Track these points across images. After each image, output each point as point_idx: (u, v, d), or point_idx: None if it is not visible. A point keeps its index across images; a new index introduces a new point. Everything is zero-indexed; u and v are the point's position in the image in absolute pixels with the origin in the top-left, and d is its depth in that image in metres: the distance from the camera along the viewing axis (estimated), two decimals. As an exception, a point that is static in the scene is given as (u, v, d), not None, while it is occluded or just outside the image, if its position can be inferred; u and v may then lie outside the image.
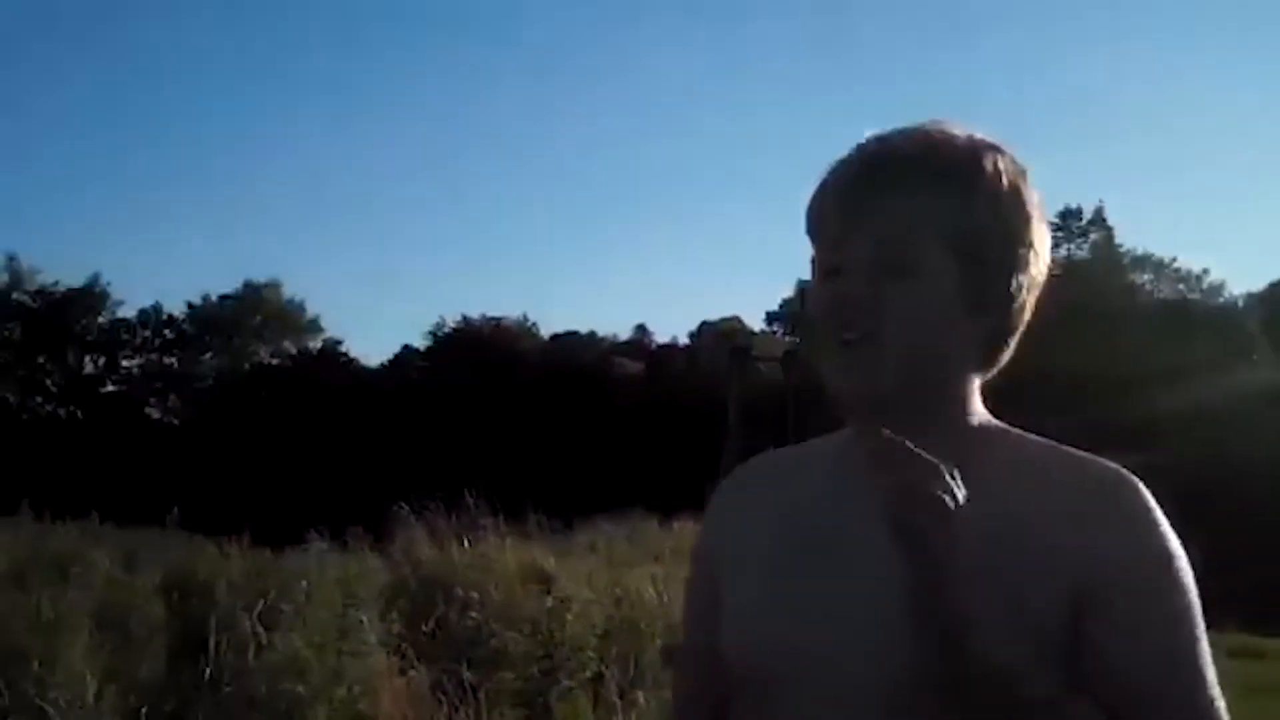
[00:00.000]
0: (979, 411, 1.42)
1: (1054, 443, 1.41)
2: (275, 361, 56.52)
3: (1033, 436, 1.42)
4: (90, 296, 55.93)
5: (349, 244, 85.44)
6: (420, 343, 56.06)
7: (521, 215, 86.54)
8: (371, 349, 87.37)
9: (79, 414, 53.70)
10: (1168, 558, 1.32)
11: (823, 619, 1.36)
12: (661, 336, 60.75)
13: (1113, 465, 1.37)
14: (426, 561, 9.49)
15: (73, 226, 78.58)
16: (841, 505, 1.40)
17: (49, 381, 55.10)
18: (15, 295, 55.03)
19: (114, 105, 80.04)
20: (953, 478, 1.23)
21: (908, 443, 1.23)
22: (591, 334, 59.46)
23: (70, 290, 55.42)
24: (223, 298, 57.33)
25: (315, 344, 57.65)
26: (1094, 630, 1.30)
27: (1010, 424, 1.44)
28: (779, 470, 1.56)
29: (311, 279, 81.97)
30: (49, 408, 54.94)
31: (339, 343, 57.29)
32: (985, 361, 1.41)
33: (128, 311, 56.77)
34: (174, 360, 57.24)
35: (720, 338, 50.57)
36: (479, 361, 51.19)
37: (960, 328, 1.35)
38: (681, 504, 23.46)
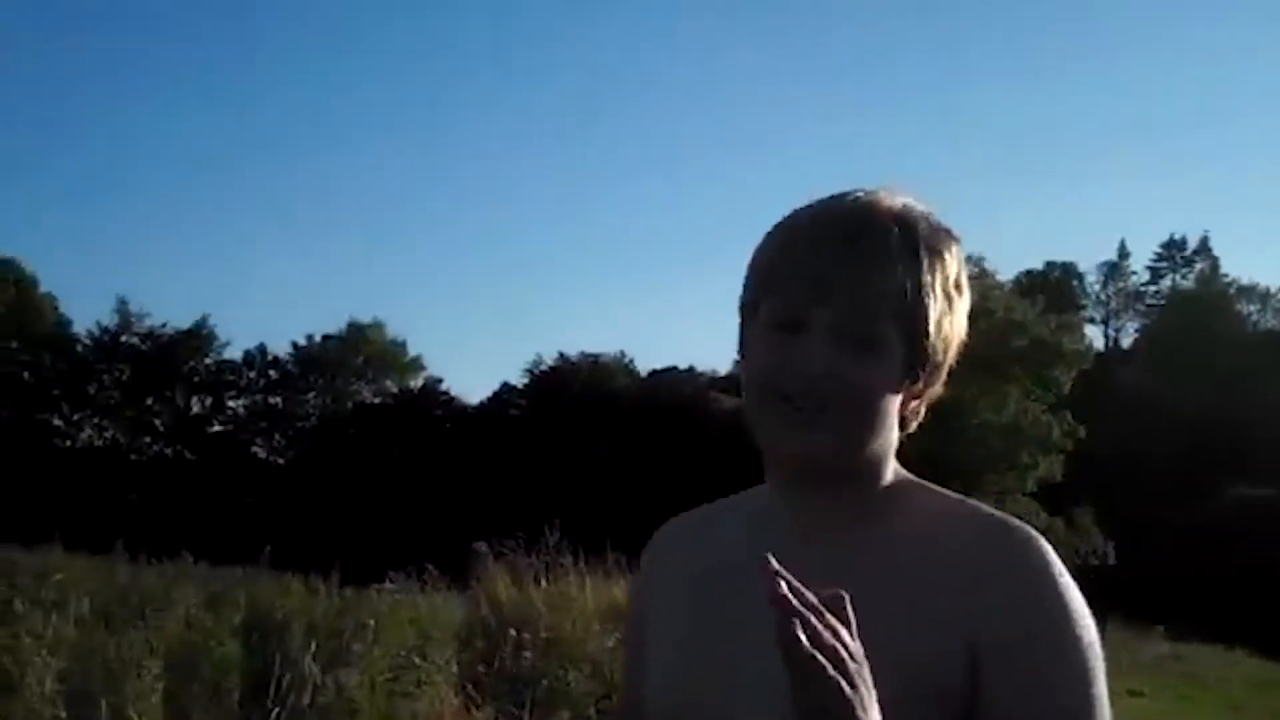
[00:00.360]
0: (895, 469, 1.44)
1: (964, 499, 1.42)
2: (377, 400, 57.21)
3: (943, 493, 1.43)
4: (197, 338, 57.13)
5: (451, 284, 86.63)
6: (519, 380, 56.46)
7: (619, 253, 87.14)
8: (472, 387, 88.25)
9: (186, 454, 54.71)
10: (1066, 616, 1.30)
11: (731, 689, 1.37)
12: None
13: (1017, 523, 1.36)
14: (504, 600, 9.51)
15: (181, 270, 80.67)
16: (752, 572, 1.37)
17: (157, 422, 56.22)
18: (125, 337, 56.39)
19: (223, 152, 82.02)
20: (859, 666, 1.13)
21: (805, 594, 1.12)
22: (690, 369, 59.49)
23: (178, 332, 56.67)
24: (326, 338, 58.25)
25: (416, 383, 58.31)
26: (990, 691, 1.29)
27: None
28: (694, 532, 1.58)
29: (413, 319, 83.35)
30: (157, 447, 56.06)
31: (439, 381, 57.91)
32: (905, 422, 1.44)
33: (234, 353, 57.99)
34: (278, 400, 58.19)
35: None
36: (576, 399, 51.37)
37: (898, 398, 1.39)
38: None
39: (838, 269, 1.34)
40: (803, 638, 1.06)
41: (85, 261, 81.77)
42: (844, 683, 1.08)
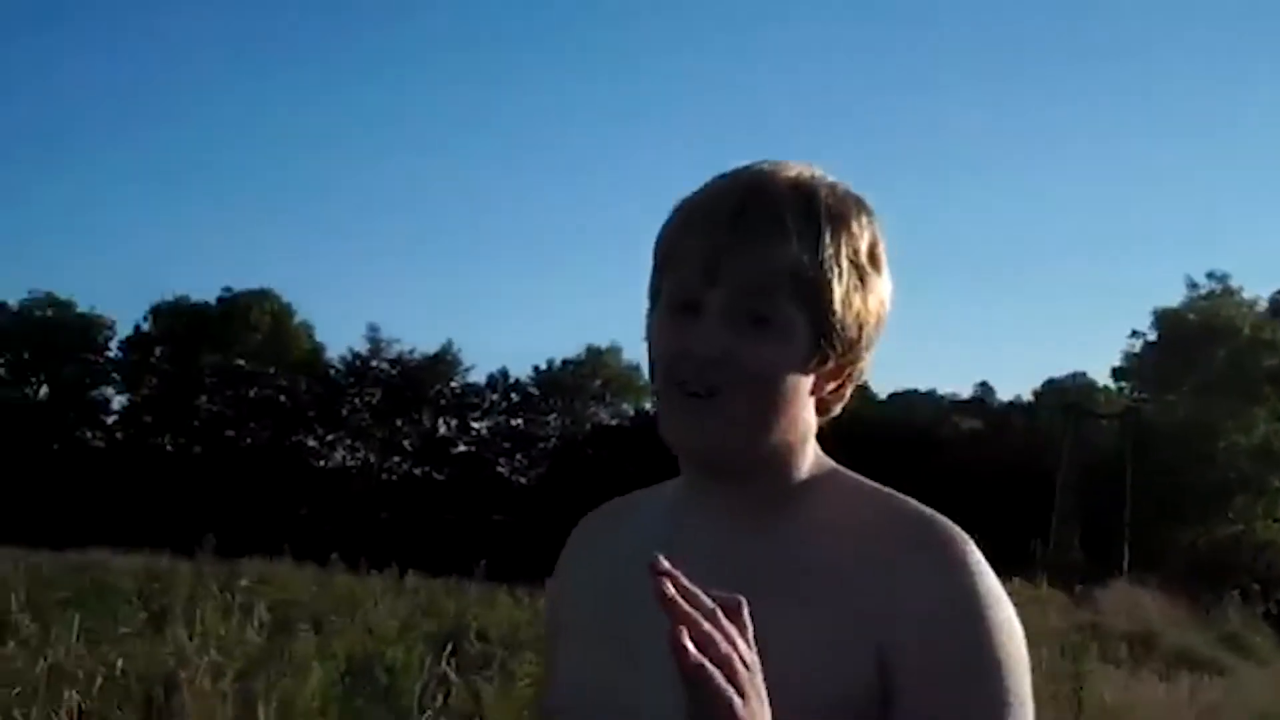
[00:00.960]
0: (812, 458, 1.37)
1: (882, 489, 1.35)
2: (614, 422, 58.12)
3: (866, 485, 1.36)
4: (443, 363, 59.13)
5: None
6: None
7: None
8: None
9: (434, 473, 56.54)
10: (978, 612, 1.22)
11: (637, 682, 1.30)
12: (1005, 393, 59.19)
13: (940, 520, 1.29)
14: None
15: (427, 298, 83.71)
16: (684, 568, 1.33)
17: (406, 443, 58.28)
18: (375, 362, 58.79)
19: (466, 186, 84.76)
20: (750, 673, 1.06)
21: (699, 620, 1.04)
22: (931, 392, 58.56)
23: (425, 357, 58.80)
24: (565, 362, 59.63)
25: (652, 406, 58.88)
26: (897, 691, 1.22)
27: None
28: (610, 524, 1.52)
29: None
30: (406, 466, 58.20)
31: (678, 405, 58.37)
32: (823, 407, 1.37)
33: (477, 376, 59.81)
34: (519, 421, 59.76)
35: (1060, 396, 48.87)
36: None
37: (805, 379, 1.31)
38: (1005, 565, 23.18)
39: (728, 247, 1.27)
40: (689, 645, 0.99)
41: (338, 291, 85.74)
42: (733, 693, 1.01)
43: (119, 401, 60.15)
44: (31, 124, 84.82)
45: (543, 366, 59.92)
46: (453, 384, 59.82)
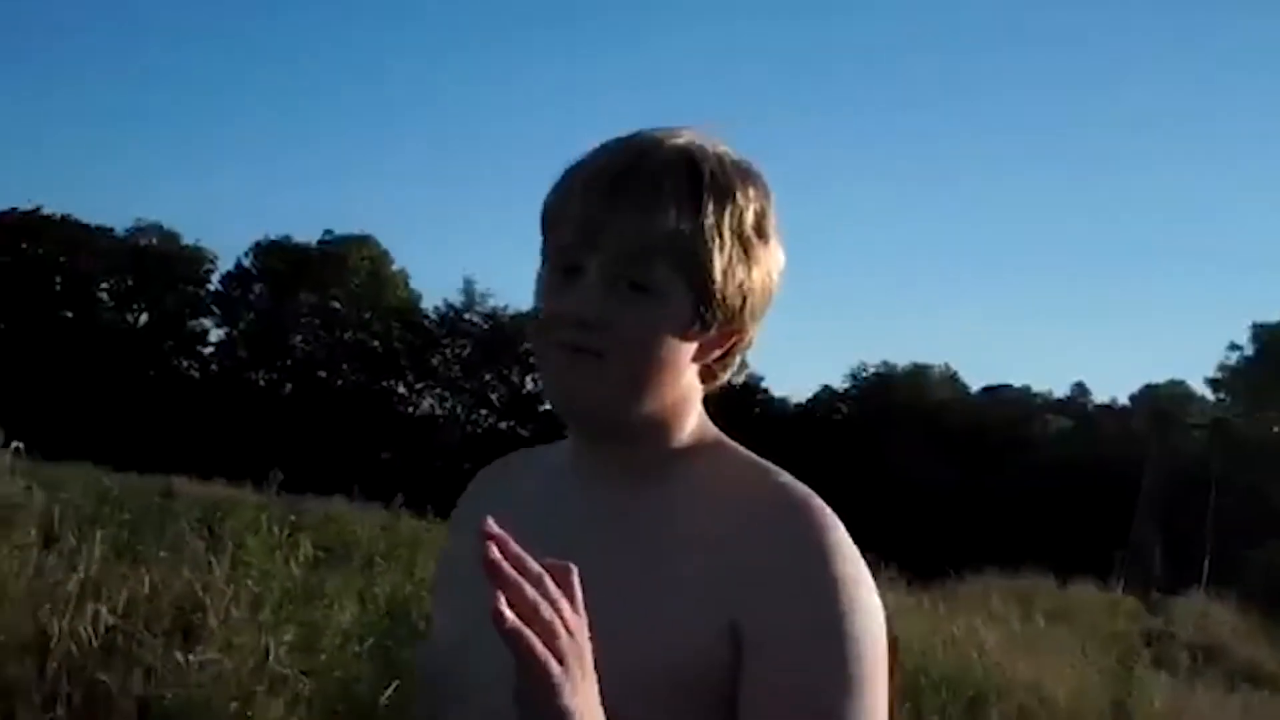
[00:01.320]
0: (696, 426, 1.36)
1: (762, 462, 1.33)
2: (703, 393, 58.35)
3: (747, 457, 1.34)
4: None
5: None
6: (840, 384, 56.23)
7: (958, 257, 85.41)
8: (791, 387, 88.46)
9: (519, 429, 57.06)
10: (830, 588, 1.20)
11: (494, 644, 1.27)
12: (1100, 395, 58.40)
13: (804, 492, 1.27)
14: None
15: (525, 255, 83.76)
16: (542, 524, 1.30)
17: (494, 396, 58.87)
18: (469, 315, 59.39)
19: (568, 147, 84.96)
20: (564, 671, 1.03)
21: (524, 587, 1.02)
22: (1025, 388, 57.93)
23: (518, 314, 59.19)
24: (652, 327, 59.91)
25: (737, 379, 58.94)
26: (748, 679, 1.20)
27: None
28: (497, 483, 1.52)
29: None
30: (491, 420, 58.79)
31: (760, 379, 58.35)
32: (706, 374, 1.35)
33: (567, 336, 60.25)
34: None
35: (1153, 402, 48.05)
36: (899, 409, 50.76)
37: (684, 346, 1.29)
38: (1084, 568, 22.85)
39: (607, 213, 1.26)
40: (505, 610, 0.98)
41: (437, 242, 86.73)
42: (550, 658, 1.00)
43: (216, 334, 61.48)
44: (155, 57, 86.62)
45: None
46: (542, 341, 60.32)
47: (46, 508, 6.33)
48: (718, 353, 1.33)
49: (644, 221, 1.25)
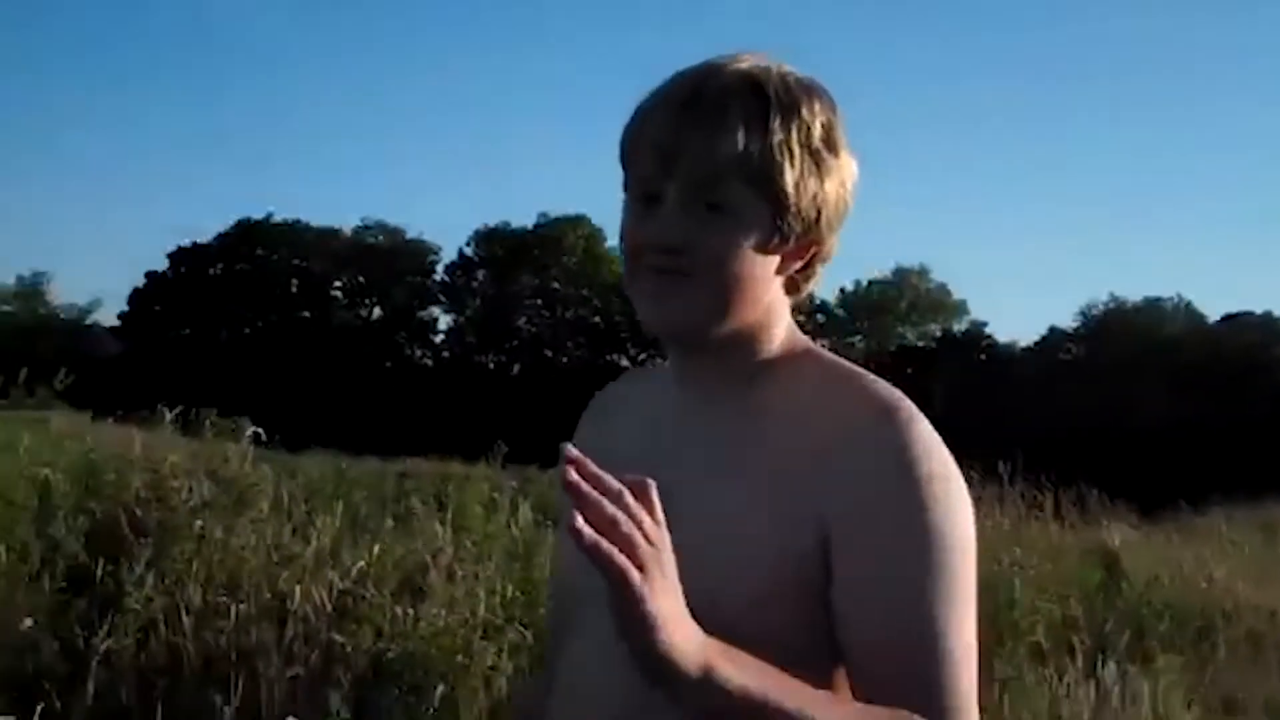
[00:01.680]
0: (784, 336, 1.41)
1: (853, 368, 1.37)
2: (920, 344, 57.34)
3: (836, 362, 1.39)
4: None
5: (997, 225, 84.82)
6: (1069, 324, 54.65)
7: (1185, 189, 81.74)
8: (1019, 332, 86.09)
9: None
10: (917, 487, 1.24)
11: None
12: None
13: (893, 395, 1.31)
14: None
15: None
16: (651, 439, 1.42)
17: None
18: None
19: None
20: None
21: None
22: (1267, 314, 55.27)
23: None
24: (872, 283, 59.11)
25: (960, 326, 57.91)
26: (834, 560, 1.25)
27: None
28: (620, 393, 1.59)
29: (959, 262, 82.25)
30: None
31: (984, 325, 57.17)
32: (790, 286, 1.40)
33: (784, 300, 60.04)
34: (825, 344, 59.32)
35: None
36: (1133, 343, 49.06)
37: (765, 260, 1.34)
38: None
39: (679, 138, 1.32)
40: (583, 526, 1.02)
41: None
42: (631, 568, 1.04)
43: (444, 322, 63.37)
44: (363, 66, 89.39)
45: (849, 288, 59.65)
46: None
47: (282, 487, 6.75)
48: (798, 264, 1.38)
49: (714, 144, 1.30)
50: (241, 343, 55.47)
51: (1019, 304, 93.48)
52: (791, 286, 1.39)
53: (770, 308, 1.38)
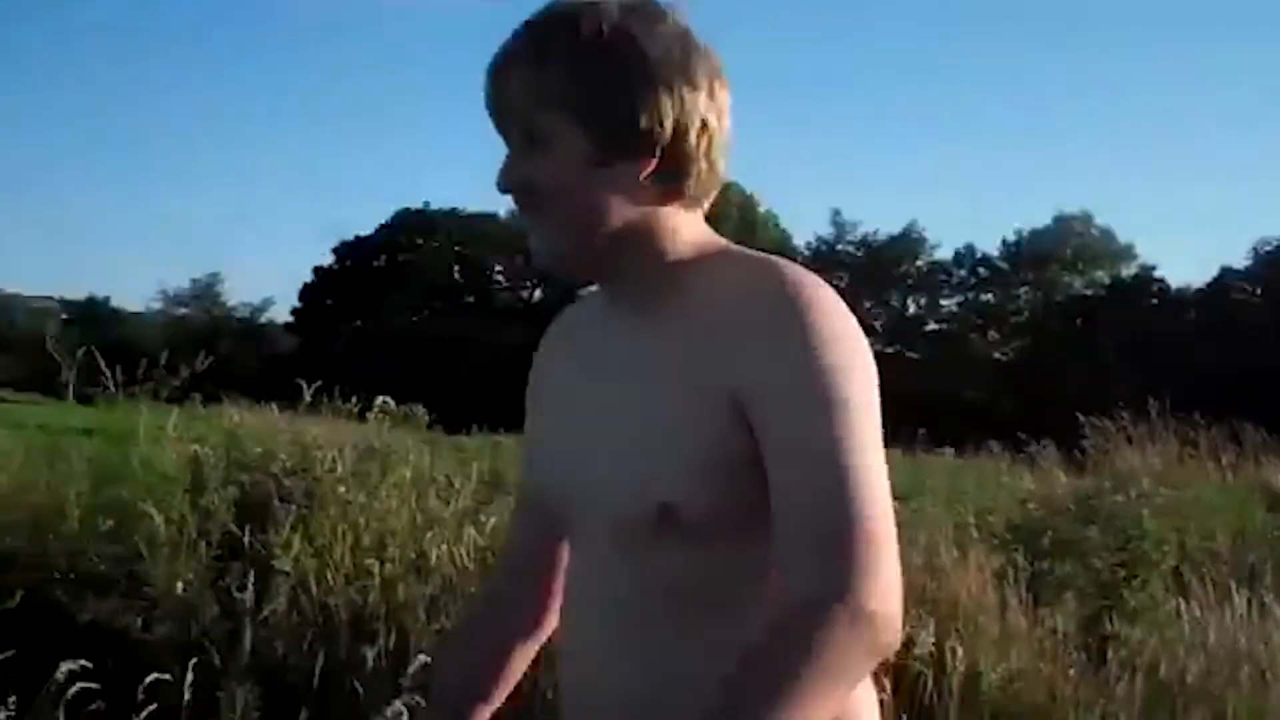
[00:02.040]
0: (691, 239, 1.43)
1: (759, 256, 1.41)
2: (1089, 293, 55.88)
3: (743, 253, 1.43)
4: (908, 242, 58.89)
5: (1160, 166, 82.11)
6: (1241, 263, 52.73)
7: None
8: (1192, 275, 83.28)
9: (906, 352, 56.36)
10: (817, 352, 1.29)
11: (582, 460, 1.45)
12: None
13: (791, 267, 1.36)
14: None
15: (888, 179, 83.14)
16: (587, 356, 1.51)
17: (877, 323, 58.47)
18: (840, 246, 59.29)
19: (916, 61, 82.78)
20: None
21: None
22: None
23: (890, 238, 58.69)
24: (1034, 233, 57.72)
25: (1129, 272, 56.26)
26: (757, 434, 1.31)
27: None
28: (578, 314, 1.63)
29: (1124, 206, 79.88)
30: (877, 346, 57.84)
31: (1153, 269, 55.49)
32: (668, 194, 1.40)
33: (944, 253, 59.21)
34: (990, 296, 58.67)
35: None
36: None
37: (607, 177, 1.37)
38: None
39: (496, 87, 1.39)
40: None
41: (799, 181, 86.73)
42: None
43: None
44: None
45: (1010, 239, 58.40)
46: (919, 263, 59.39)
47: (424, 455, 7.05)
48: (648, 174, 1.37)
49: (525, 81, 1.36)
50: (409, 330, 56.48)
51: (1190, 244, 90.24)
52: (674, 194, 1.40)
53: (643, 219, 1.39)
